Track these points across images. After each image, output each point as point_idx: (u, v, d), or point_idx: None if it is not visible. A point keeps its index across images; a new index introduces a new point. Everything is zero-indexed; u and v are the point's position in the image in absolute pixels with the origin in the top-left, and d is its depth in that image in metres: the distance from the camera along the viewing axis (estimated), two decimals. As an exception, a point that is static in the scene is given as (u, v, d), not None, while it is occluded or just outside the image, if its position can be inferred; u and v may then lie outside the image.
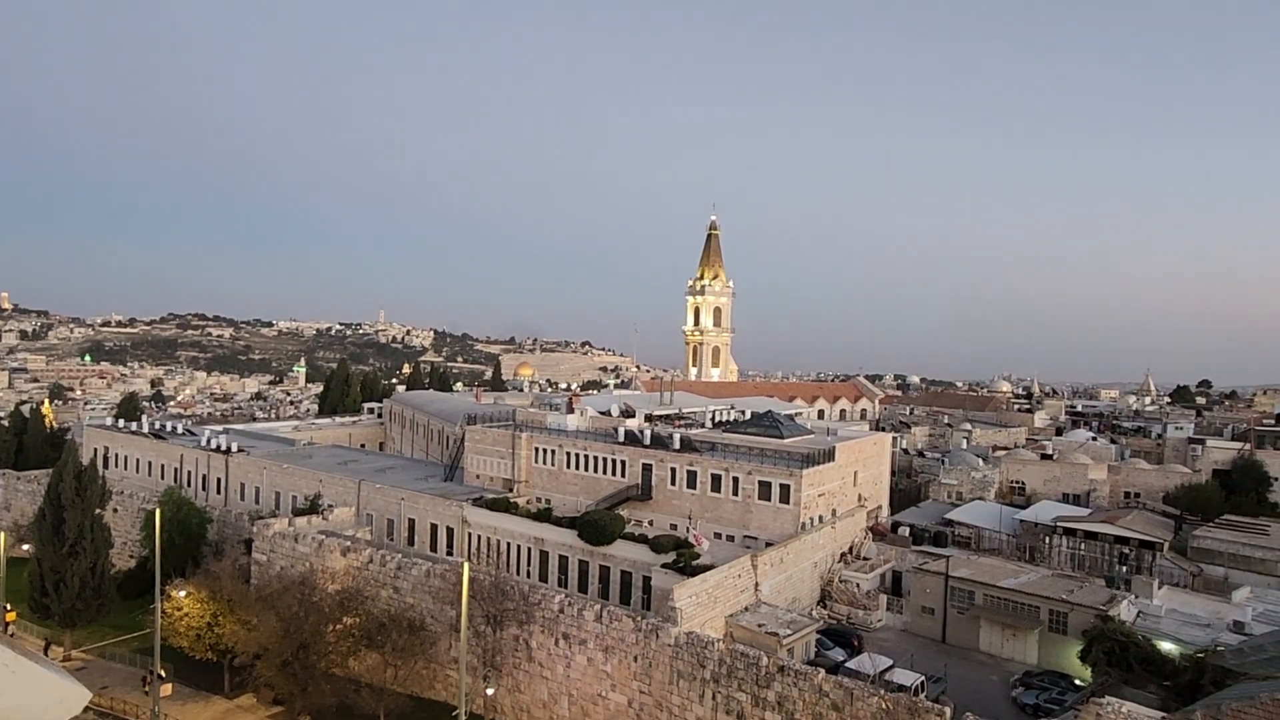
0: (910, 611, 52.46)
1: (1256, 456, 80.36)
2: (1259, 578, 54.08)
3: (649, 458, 61.25)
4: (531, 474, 67.92)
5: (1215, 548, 58.06)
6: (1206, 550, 58.07)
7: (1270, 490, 77.33)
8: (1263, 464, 78.80)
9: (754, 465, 56.98)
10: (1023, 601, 48.00)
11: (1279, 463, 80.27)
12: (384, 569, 48.13)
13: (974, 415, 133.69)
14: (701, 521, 57.20)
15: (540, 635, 41.32)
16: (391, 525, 64.55)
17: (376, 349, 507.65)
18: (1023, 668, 45.42)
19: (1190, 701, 29.75)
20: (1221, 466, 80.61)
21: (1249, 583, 52.58)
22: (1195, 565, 56.74)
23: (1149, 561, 56.70)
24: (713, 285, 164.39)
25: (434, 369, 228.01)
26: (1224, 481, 77.23)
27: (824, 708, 32.09)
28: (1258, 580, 53.55)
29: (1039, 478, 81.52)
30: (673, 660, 36.70)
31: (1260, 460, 79.51)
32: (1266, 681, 29.45)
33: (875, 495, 68.63)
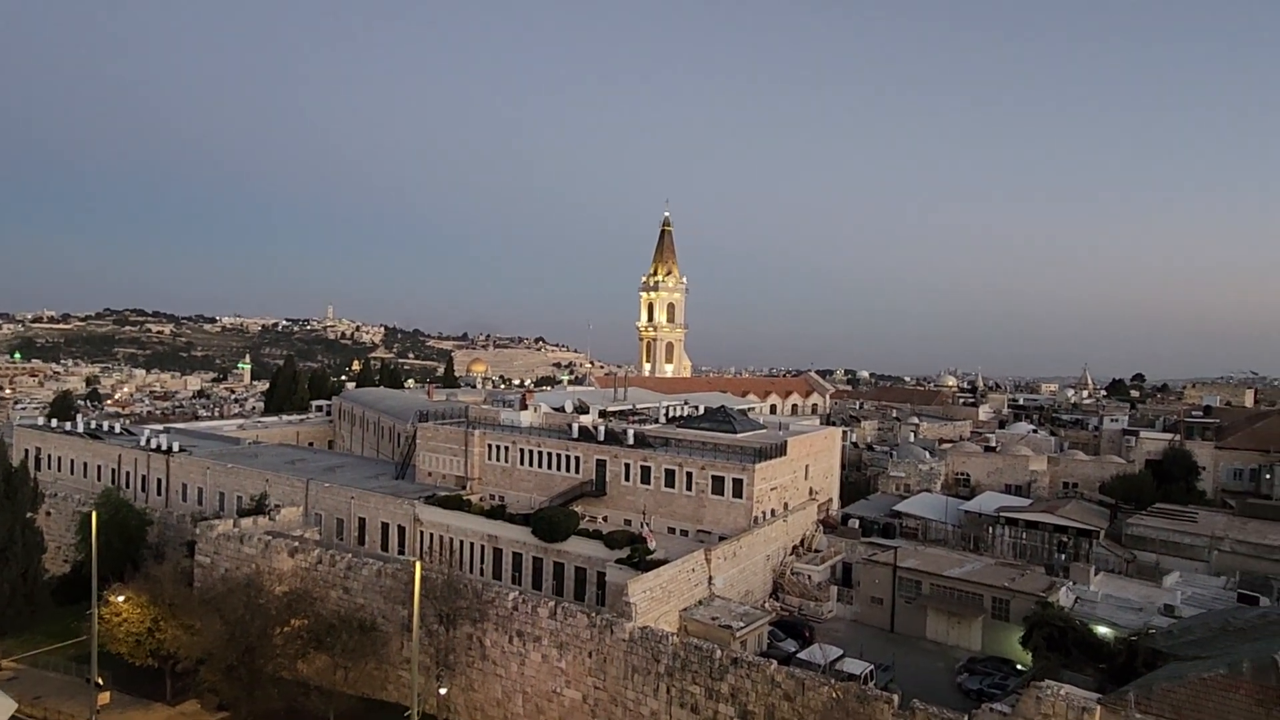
0: (860, 602, 53.48)
1: (1186, 447, 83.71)
2: (1188, 563, 56.42)
3: (603, 454, 61.24)
4: (485, 471, 67.36)
5: (1148, 535, 60.38)
6: (1139, 537, 60.35)
7: (1199, 479, 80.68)
8: (1191, 454, 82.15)
9: (707, 460, 57.40)
10: (967, 590, 49.32)
11: (1207, 453, 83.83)
12: (333, 569, 47.24)
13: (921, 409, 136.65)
14: (655, 517, 57.43)
15: (494, 633, 41.05)
16: (341, 525, 63.38)
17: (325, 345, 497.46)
18: (967, 654, 46.68)
19: (1124, 682, 30.91)
20: (1154, 457, 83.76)
21: (1178, 568, 54.82)
22: (1129, 552, 58.93)
23: (1086, 549, 58.72)
24: (666, 281, 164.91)
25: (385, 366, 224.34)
26: (1156, 471, 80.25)
27: (776, 698, 32.54)
28: (1186, 565, 55.85)
29: (983, 470, 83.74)
30: (627, 655, 36.81)
31: (1189, 450, 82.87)
32: (1193, 662, 30.79)
33: (826, 488, 69.74)
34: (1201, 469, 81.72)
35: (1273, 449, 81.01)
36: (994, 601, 48.09)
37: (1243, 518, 64.41)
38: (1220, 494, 79.74)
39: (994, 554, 59.69)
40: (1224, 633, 36.05)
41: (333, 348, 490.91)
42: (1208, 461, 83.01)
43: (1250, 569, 53.27)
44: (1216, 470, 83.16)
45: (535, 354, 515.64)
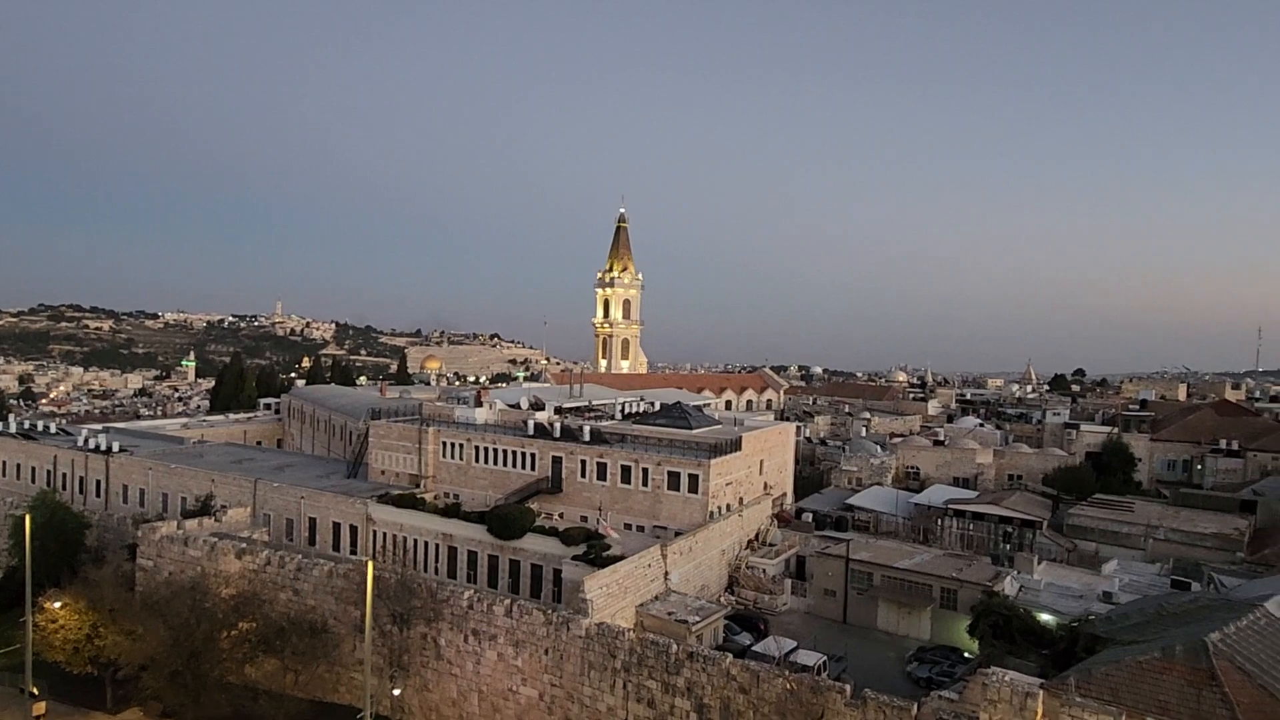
0: (813, 594, 54.25)
1: (1123, 439, 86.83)
2: (1125, 551, 58.46)
3: (559, 450, 61.00)
4: (439, 469, 66.59)
5: (1087, 524, 62.43)
6: (1080, 527, 62.37)
7: (1135, 470, 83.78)
8: (1129, 446, 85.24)
9: (663, 456, 57.58)
10: (917, 581, 50.39)
11: (1142, 445, 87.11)
12: (283, 571, 46.20)
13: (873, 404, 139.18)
14: (612, 513, 57.43)
15: (449, 632, 40.62)
16: (291, 525, 62.04)
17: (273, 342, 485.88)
18: (917, 643, 47.70)
19: (1066, 667, 31.93)
20: (1093, 449, 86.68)
21: (1116, 556, 56.75)
22: (1070, 541, 60.84)
23: (1030, 539, 60.44)
24: (622, 278, 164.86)
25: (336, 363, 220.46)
26: (1095, 463, 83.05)
27: (731, 691, 32.83)
28: (1124, 553, 57.86)
29: (932, 463, 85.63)
30: (584, 652, 36.76)
31: (1127, 443, 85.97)
32: (1130, 646, 31.94)
33: (780, 483, 70.55)
34: (1138, 460, 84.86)
35: (1203, 441, 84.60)
36: (942, 591, 49.23)
37: (1176, 507, 67.11)
38: (1155, 484, 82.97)
39: (942, 545, 61.04)
40: (1158, 618, 37.45)
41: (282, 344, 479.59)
42: (1143, 453, 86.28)
43: (1183, 556, 55.45)
44: (1152, 461, 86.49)
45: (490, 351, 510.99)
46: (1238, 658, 28.40)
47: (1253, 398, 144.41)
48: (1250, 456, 79.64)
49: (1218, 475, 79.59)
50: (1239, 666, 27.85)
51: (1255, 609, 33.13)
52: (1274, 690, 25.61)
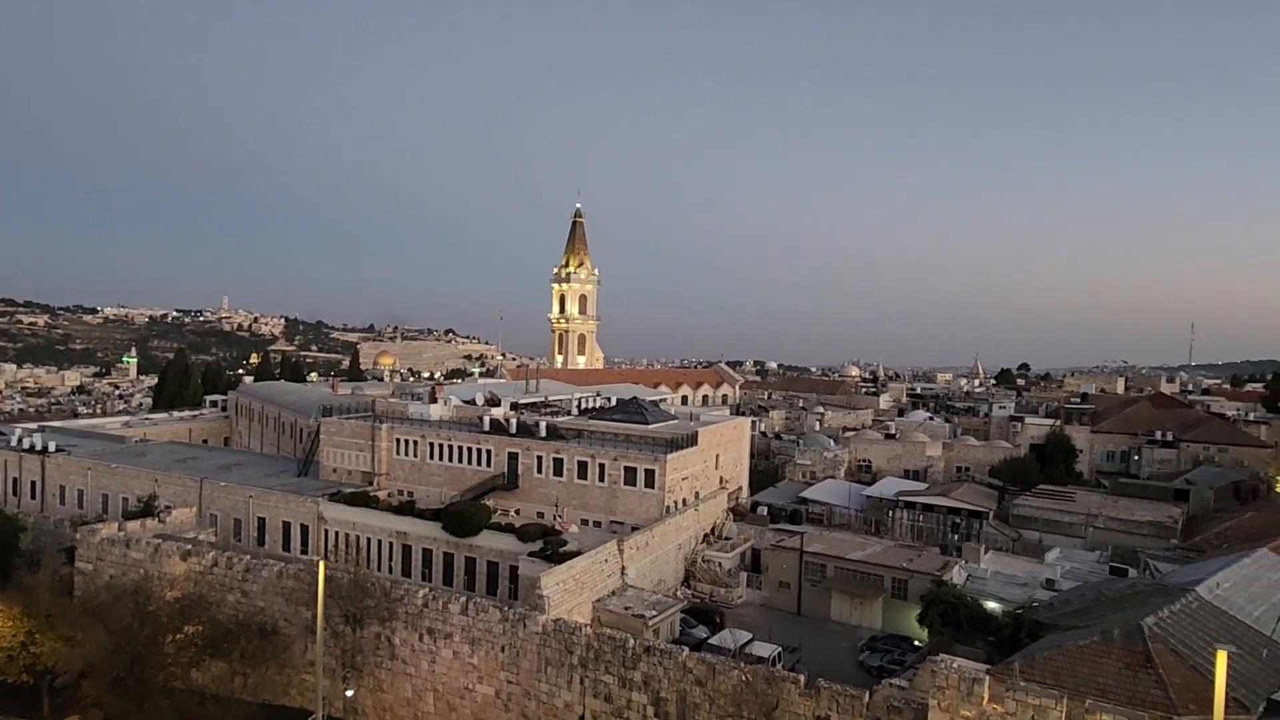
0: (768, 587, 54.92)
1: (1065, 432, 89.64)
2: (1067, 539, 60.38)
3: (515, 446, 60.64)
4: (392, 466, 65.68)
5: (1031, 514, 64.35)
6: (1024, 517, 64.25)
7: (1077, 461, 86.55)
8: (1070, 438, 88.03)
9: (620, 451, 57.64)
10: (868, 572, 51.39)
11: (1083, 436, 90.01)
12: (230, 572, 45.09)
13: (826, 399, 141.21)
14: (569, 509, 57.34)
15: (403, 631, 40.12)
16: (239, 525, 60.60)
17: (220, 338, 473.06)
18: (869, 633, 48.64)
19: (1011, 653, 32.88)
20: (1037, 441, 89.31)
21: (1059, 544, 58.58)
22: (1015, 531, 62.63)
23: (977, 529, 62.08)
24: (578, 273, 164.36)
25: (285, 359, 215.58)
26: (1039, 454, 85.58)
27: (688, 684, 33.06)
28: (1066, 541, 59.77)
29: (883, 456, 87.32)
30: (540, 648, 36.65)
31: (1068, 435, 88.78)
32: (1071, 631, 33.05)
33: (736, 477, 71.19)
34: (1079, 452, 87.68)
35: (1140, 432, 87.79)
36: (893, 582, 50.27)
37: (1114, 496, 69.55)
38: (1095, 474, 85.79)
39: (893, 536, 62.34)
40: (1098, 603, 38.80)
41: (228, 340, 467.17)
42: (1084, 445, 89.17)
43: (1121, 543, 57.47)
44: (1092, 452, 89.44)
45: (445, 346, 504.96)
46: (1171, 640, 29.58)
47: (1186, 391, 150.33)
48: (1184, 447, 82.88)
49: (1154, 465, 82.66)
50: (1172, 649, 29.00)
51: (1188, 593, 34.54)
52: (1204, 670, 26.72)
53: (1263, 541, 45.97)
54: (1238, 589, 37.19)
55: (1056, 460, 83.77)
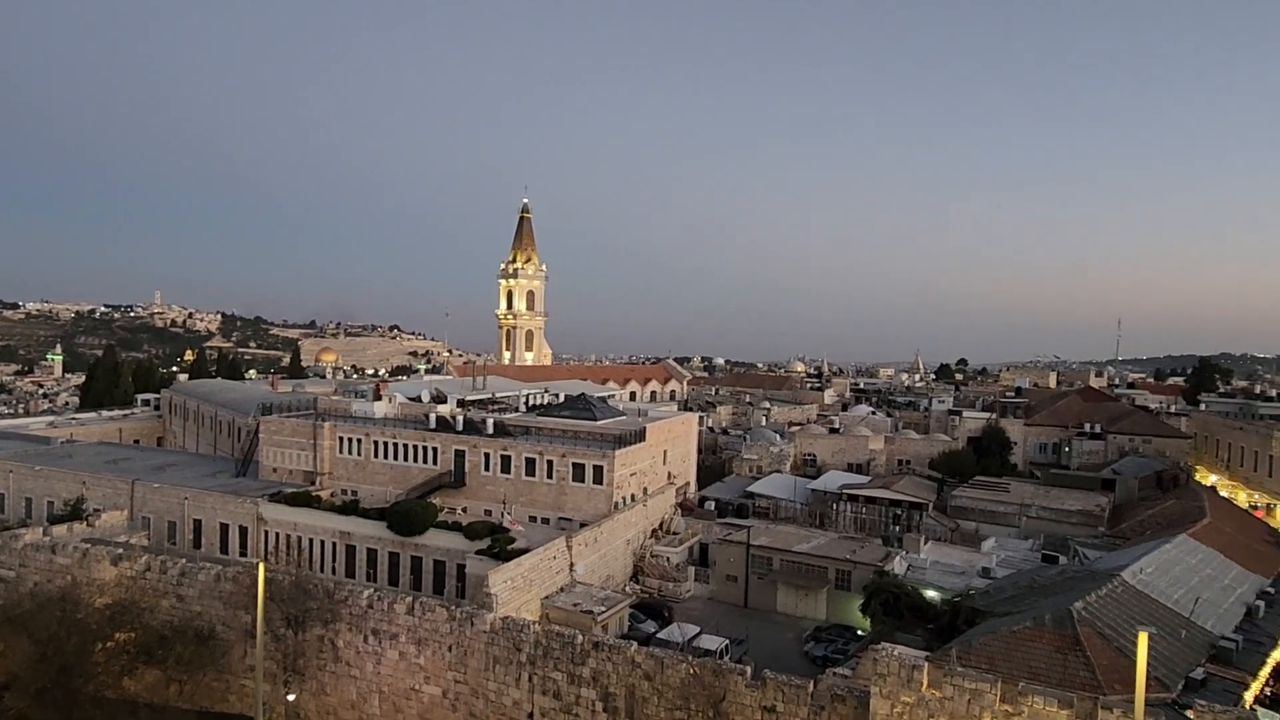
0: (716, 580, 55.46)
1: (1001, 425, 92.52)
2: (1002, 529, 62.46)
3: (462, 444, 60.00)
4: (336, 465, 64.34)
5: (968, 505, 66.32)
6: (962, 508, 66.19)
7: (1011, 453, 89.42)
8: (1005, 431, 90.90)
9: (568, 448, 57.47)
10: (813, 564, 52.31)
11: (1018, 429, 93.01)
12: (164, 576, 43.57)
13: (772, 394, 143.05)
14: (517, 506, 56.99)
15: (348, 633, 39.36)
16: (173, 528, 58.65)
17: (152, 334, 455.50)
18: (814, 624, 49.56)
19: (950, 640, 33.88)
20: (974, 434, 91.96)
21: (994, 533, 60.58)
22: (954, 521, 64.47)
23: (917, 520, 63.74)
24: (525, 269, 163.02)
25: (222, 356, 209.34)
26: (976, 447, 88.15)
27: (636, 678, 33.20)
28: (1001, 531, 61.82)
29: (828, 450, 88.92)
30: (488, 647, 36.37)
31: (1004, 428, 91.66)
32: (1006, 617, 34.21)
33: (684, 472, 71.66)
34: (1014, 444, 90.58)
35: (1070, 425, 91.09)
36: (837, 573, 51.29)
37: (1046, 486, 72.16)
38: (1029, 466, 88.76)
39: (837, 529, 63.57)
40: (1030, 590, 40.26)
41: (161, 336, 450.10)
42: (1019, 437, 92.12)
43: (1052, 531, 59.66)
44: (1026, 445, 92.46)
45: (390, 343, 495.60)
46: (1098, 623, 30.86)
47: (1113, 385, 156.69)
48: (1111, 438, 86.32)
49: (1083, 456, 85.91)
50: (1099, 632, 30.27)
51: (1113, 578, 36.08)
52: (1128, 652, 27.94)
53: (1182, 528, 48.28)
54: (1159, 573, 38.99)
55: (992, 452, 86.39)
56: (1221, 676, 30.58)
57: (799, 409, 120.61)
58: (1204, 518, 50.96)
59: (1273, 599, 41.58)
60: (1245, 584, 42.50)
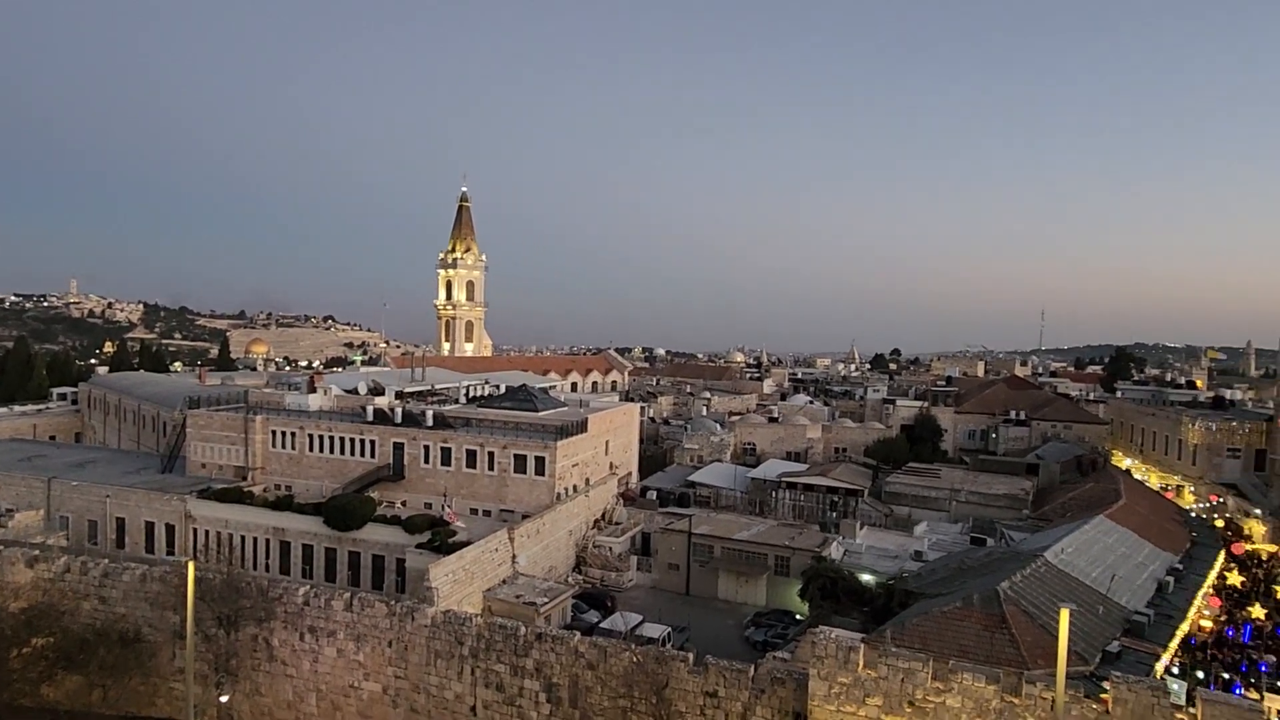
0: (658, 569, 55.93)
1: (932, 413, 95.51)
2: (933, 513, 64.55)
3: (401, 436, 59.05)
4: (268, 460, 62.57)
5: (902, 491, 68.31)
6: (896, 493, 68.13)
7: (942, 440, 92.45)
8: (937, 419, 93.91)
9: (509, 439, 57.14)
10: (753, 551, 53.21)
11: (948, 417, 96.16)
12: (85, 578, 41.69)
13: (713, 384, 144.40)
14: (457, 498, 56.42)
15: (283, 631, 38.38)
16: (95, 528, 56.19)
17: (68, 325, 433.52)
18: (754, 609, 50.41)
19: (884, 622, 34.94)
20: (907, 422, 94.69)
21: (926, 518, 62.57)
22: (888, 507, 66.33)
23: (853, 506, 65.34)
24: (465, 259, 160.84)
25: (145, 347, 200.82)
26: (909, 434, 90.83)
27: (580, 668, 33.28)
28: (932, 515, 63.88)
29: (767, 439, 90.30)
30: (429, 641, 35.96)
31: (935, 416, 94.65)
32: (937, 598, 35.46)
33: (625, 462, 71.93)
34: (945, 431, 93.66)
35: (997, 412, 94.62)
36: (776, 559, 52.27)
37: (975, 472, 74.93)
38: (959, 452, 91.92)
39: (776, 516, 64.72)
40: (960, 572, 41.79)
41: (78, 327, 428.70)
42: (949, 424, 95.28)
43: (981, 515, 61.94)
44: (956, 432, 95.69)
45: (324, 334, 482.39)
46: (1023, 602, 32.24)
47: (1037, 374, 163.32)
48: (1035, 425, 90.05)
49: (1009, 442, 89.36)
50: (1024, 610, 31.63)
51: (1037, 559, 37.71)
52: (1051, 629, 29.26)
53: (1100, 509, 50.74)
54: (1079, 553, 40.92)
55: (924, 440, 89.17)
56: (1135, 649, 32.34)
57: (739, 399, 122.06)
58: (1120, 499, 53.63)
59: (1181, 575, 44.13)
60: (1157, 561, 44.97)
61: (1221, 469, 71.44)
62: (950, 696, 25.12)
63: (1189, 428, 73.29)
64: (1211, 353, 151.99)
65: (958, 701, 25.05)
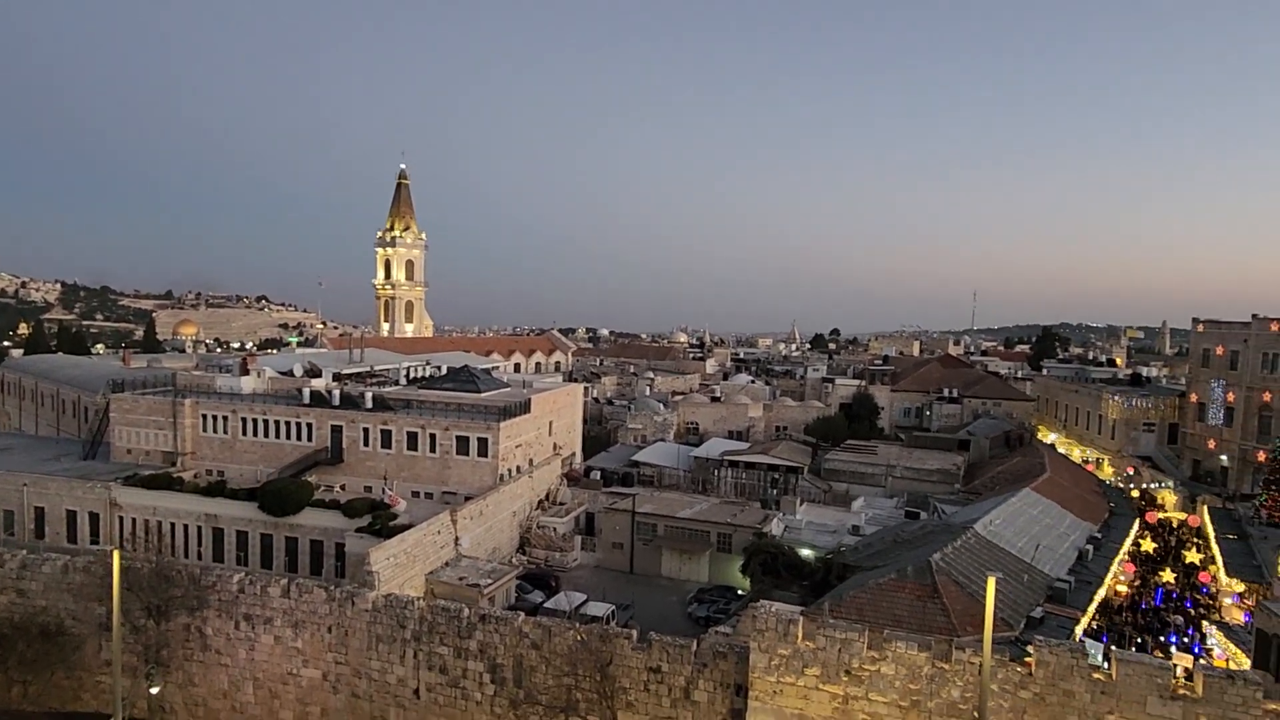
0: (602, 548, 56.20)
1: (870, 391, 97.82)
2: (870, 489, 66.28)
3: (339, 419, 57.86)
4: (199, 445, 60.68)
5: (840, 467, 69.94)
6: (834, 470, 69.73)
7: (879, 418, 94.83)
8: (874, 397, 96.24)
9: (451, 421, 56.57)
10: (696, 528, 53.87)
11: (885, 395, 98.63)
12: (2, 570, 39.84)
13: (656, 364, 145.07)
14: (399, 481, 55.63)
15: (217, 620, 37.39)
16: (11, 518, 53.64)
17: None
18: (697, 586, 51.09)
19: (823, 595, 35.86)
20: (846, 400, 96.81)
21: (863, 493, 64.21)
22: (827, 483, 67.85)
23: (794, 483, 66.63)
24: (404, 237, 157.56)
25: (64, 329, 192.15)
26: (848, 412, 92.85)
27: (524, 648, 33.32)
28: (869, 491, 65.60)
29: (710, 418, 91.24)
30: (370, 625, 35.50)
31: (872, 394, 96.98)
32: (873, 571, 36.50)
33: (569, 443, 71.86)
34: (881, 409, 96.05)
35: (931, 390, 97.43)
36: (719, 536, 53.04)
37: (909, 448, 77.04)
38: (895, 429, 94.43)
39: (719, 494, 65.58)
40: (895, 545, 43.11)
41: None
42: (885, 402, 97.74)
43: (915, 489, 63.90)
44: (892, 409, 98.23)
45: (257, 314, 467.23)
46: (954, 573, 33.45)
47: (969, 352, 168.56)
48: (966, 402, 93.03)
49: (942, 419, 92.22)
50: (954, 580, 32.83)
51: (967, 531, 39.12)
52: (979, 597, 30.45)
53: (1026, 482, 52.87)
54: (1007, 524, 42.61)
55: (862, 417, 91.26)
56: (1057, 614, 33.92)
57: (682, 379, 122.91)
58: (1045, 473, 55.97)
59: (1100, 543, 46.41)
60: (1078, 531, 47.16)
61: (1138, 442, 75.26)
62: (885, 664, 25.97)
63: (1109, 403, 76.79)
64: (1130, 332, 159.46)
65: (891, 669, 25.90)
